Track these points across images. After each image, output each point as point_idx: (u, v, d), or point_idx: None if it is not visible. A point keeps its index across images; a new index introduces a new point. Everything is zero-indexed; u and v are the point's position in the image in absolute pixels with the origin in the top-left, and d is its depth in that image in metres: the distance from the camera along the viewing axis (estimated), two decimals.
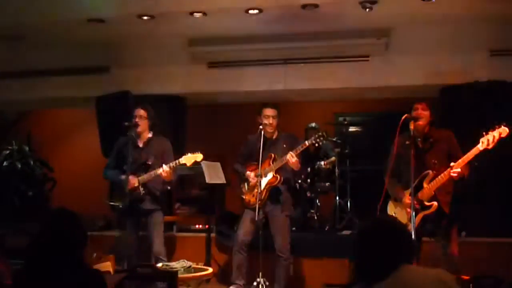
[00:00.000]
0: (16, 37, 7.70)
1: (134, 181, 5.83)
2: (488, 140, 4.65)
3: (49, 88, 8.31)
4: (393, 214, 5.18)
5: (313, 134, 5.79)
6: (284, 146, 5.78)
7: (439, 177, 4.86)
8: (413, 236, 4.36)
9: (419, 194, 4.92)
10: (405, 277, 2.37)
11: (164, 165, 5.75)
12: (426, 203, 4.90)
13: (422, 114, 5.05)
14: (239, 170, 6.05)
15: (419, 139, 5.07)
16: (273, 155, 5.81)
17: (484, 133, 4.69)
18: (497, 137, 4.65)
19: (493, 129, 4.68)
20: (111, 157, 6.28)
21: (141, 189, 5.86)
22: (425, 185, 4.92)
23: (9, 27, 7.32)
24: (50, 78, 8.23)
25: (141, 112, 6.02)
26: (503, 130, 4.66)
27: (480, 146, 4.69)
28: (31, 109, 9.92)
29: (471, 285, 5.04)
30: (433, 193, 4.91)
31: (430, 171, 4.91)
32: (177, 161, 5.76)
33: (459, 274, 4.83)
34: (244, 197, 5.93)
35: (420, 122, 5.02)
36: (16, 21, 7.10)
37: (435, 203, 4.89)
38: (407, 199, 4.92)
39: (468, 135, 6.71)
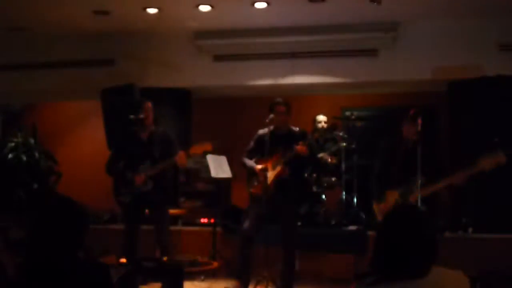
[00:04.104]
0: (22, 29, 7.69)
1: (140, 178, 5.83)
2: (485, 165, 4.84)
3: (54, 80, 8.30)
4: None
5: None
6: (293, 140, 5.75)
7: (435, 185, 5.06)
8: None
9: (410, 197, 5.12)
10: (424, 281, 2.31)
11: (181, 154, 5.77)
12: (415, 205, 5.04)
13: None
14: (248, 164, 6.03)
15: (409, 145, 5.17)
16: (281, 148, 5.79)
17: (482, 156, 4.82)
18: (495, 164, 4.83)
19: (493, 155, 4.83)
20: (112, 153, 6.27)
21: (150, 183, 5.86)
22: (417, 189, 5.06)
23: (14, 18, 7.31)
24: (55, 70, 8.21)
25: (150, 105, 6.05)
26: (501, 159, 4.82)
27: (477, 168, 4.88)
28: (36, 101, 9.92)
29: (478, 281, 5.03)
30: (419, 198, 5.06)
31: (423, 178, 5.06)
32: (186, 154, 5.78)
33: None
34: (252, 190, 5.92)
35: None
36: (22, 12, 7.08)
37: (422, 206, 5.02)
38: (392, 198, 5.17)
39: (476, 130, 6.75)
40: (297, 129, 6.04)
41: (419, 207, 4.95)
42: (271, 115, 5.83)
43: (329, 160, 7.56)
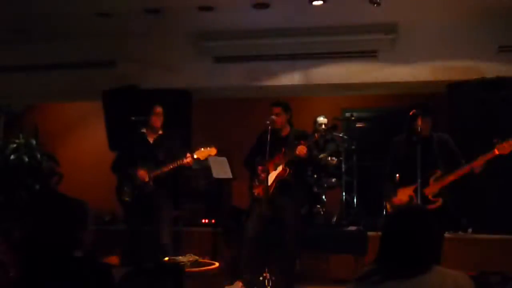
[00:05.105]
0: (23, 30, 7.72)
1: (144, 174, 5.90)
2: (504, 148, 4.90)
3: (56, 82, 8.33)
4: None
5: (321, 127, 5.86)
6: (295, 142, 5.78)
7: (451, 175, 5.09)
8: None
9: (425, 191, 5.13)
10: (425, 280, 2.32)
11: (188, 155, 5.89)
12: (432, 199, 5.09)
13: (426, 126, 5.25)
14: (250, 164, 6.08)
15: (421, 141, 5.21)
16: (283, 149, 5.84)
17: (498, 140, 4.88)
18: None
19: (509, 138, 4.91)
20: (119, 152, 6.33)
21: (151, 183, 5.93)
22: (431, 182, 5.13)
23: (16, 20, 7.34)
24: (57, 71, 8.25)
25: (159, 109, 6.13)
26: None
27: (497, 152, 4.93)
28: (38, 102, 9.95)
29: (477, 282, 5.05)
30: (438, 190, 5.13)
31: (439, 170, 5.14)
32: (192, 155, 5.85)
33: None
34: (254, 191, 5.96)
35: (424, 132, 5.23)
36: (23, 14, 7.11)
37: (440, 199, 5.11)
38: (402, 195, 5.21)
39: (475, 132, 6.76)
40: (298, 130, 6.08)
41: (430, 201, 5.05)
42: (271, 117, 5.88)
43: (330, 160, 7.58)
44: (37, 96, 9.06)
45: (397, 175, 5.34)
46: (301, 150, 5.61)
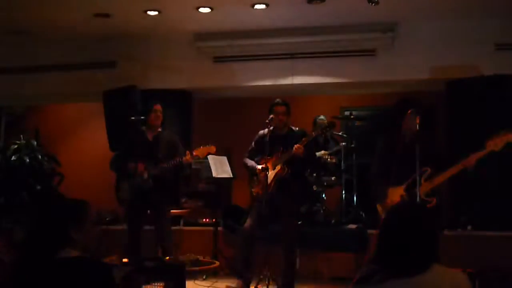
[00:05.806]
0: (23, 32, 7.75)
1: (142, 167, 5.94)
2: (495, 144, 4.81)
3: (56, 83, 8.36)
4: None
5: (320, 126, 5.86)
6: (293, 140, 5.80)
7: (444, 174, 5.01)
8: None
9: (419, 190, 5.05)
10: (424, 279, 2.33)
11: (187, 152, 5.92)
12: (425, 198, 5.01)
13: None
14: (249, 164, 6.10)
15: (407, 139, 5.19)
16: (281, 148, 5.85)
17: (491, 135, 4.85)
18: (504, 141, 4.80)
19: (501, 134, 4.83)
20: (119, 149, 6.36)
21: (150, 181, 5.96)
22: (423, 181, 5.04)
23: (16, 22, 7.37)
24: (57, 73, 8.27)
25: (159, 107, 6.16)
26: (510, 136, 4.81)
27: (488, 149, 4.86)
28: (39, 104, 9.98)
29: (476, 279, 5.07)
30: (430, 189, 5.05)
31: (429, 168, 5.04)
32: (191, 153, 5.88)
33: None
34: (253, 190, 5.98)
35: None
36: (23, 16, 7.14)
37: (434, 198, 5.03)
38: (393, 196, 5.13)
39: (473, 129, 6.79)
40: (297, 129, 6.10)
41: (424, 201, 5.01)
42: (271, 116, 5.89)
43: (329, 159, 7.61)
44: (37, 97, 9.09)
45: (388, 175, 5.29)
46: (298, 149, 5.63)
